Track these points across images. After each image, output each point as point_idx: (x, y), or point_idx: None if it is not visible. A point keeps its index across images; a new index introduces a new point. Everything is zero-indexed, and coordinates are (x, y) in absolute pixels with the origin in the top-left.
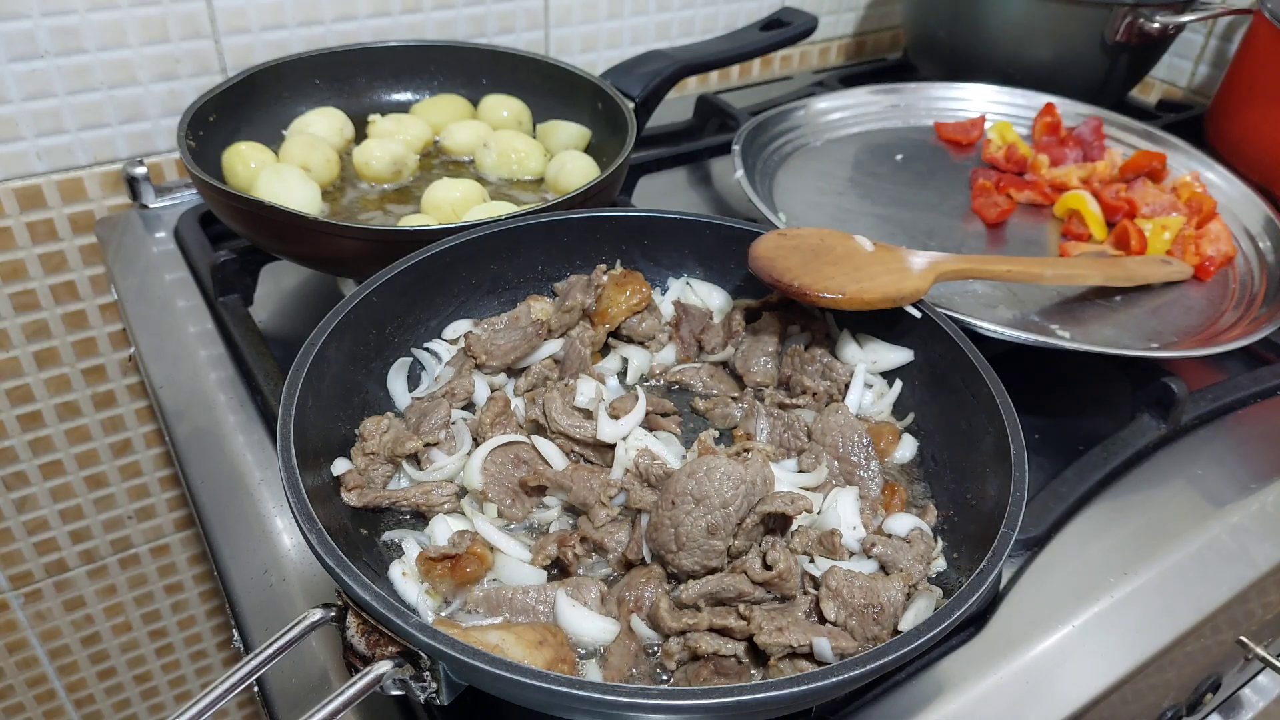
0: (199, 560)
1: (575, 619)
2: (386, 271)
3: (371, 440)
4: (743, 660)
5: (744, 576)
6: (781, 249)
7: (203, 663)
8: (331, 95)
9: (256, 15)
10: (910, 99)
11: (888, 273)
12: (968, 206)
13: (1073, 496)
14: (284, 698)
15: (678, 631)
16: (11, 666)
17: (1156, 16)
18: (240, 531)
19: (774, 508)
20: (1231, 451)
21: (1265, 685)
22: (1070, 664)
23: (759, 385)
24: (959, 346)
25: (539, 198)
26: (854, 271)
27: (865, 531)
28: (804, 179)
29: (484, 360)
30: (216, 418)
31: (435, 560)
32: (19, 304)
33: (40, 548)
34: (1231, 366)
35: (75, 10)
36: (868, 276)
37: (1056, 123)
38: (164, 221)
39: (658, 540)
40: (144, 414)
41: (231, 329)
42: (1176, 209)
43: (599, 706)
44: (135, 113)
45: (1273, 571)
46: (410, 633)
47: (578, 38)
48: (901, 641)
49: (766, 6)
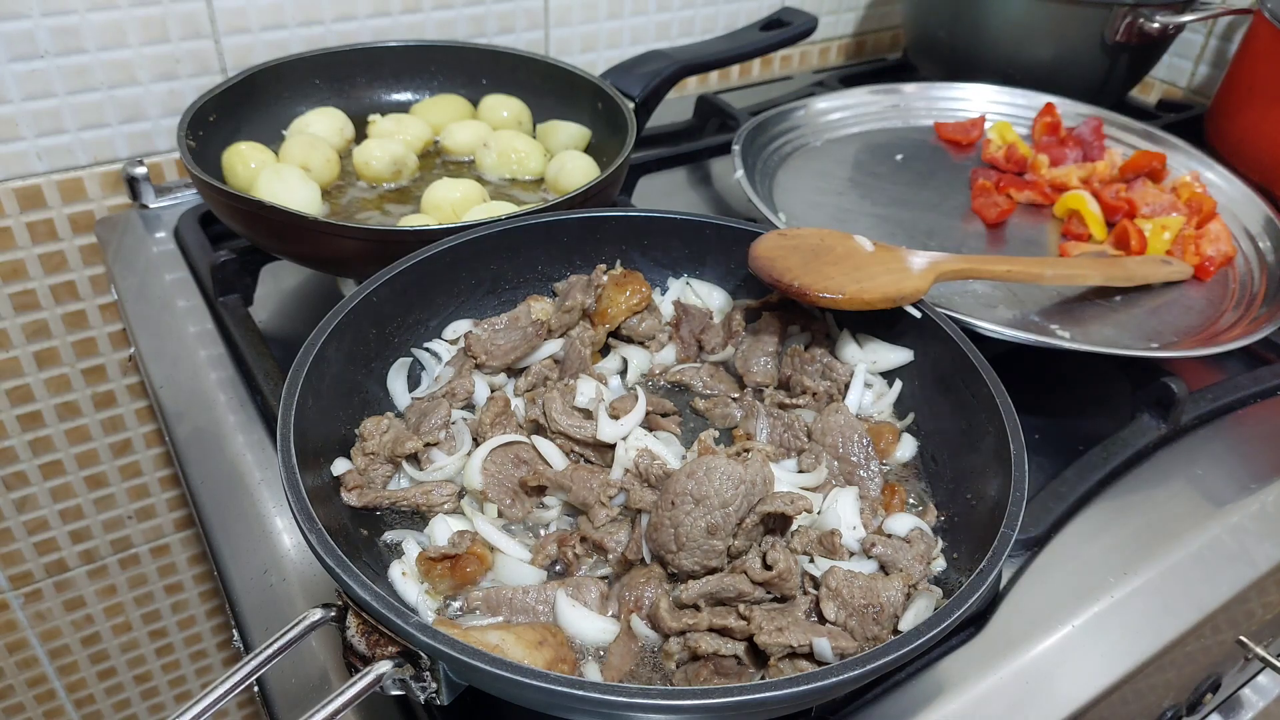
0: (199, 560)
1: (575, 619)
2: (386, 271)
3: (371, 440)
4: (742, 660)
5: (744, 576)
6: (781, 249)
7: (203, 663)
8: (331, 95)
9: (256, 15)
10: (910, 99)
11: (888, 273)
12: (968, 206)
13: (1073, 496)
14: (284, 698)
15: (677, 631)
16: (11, 666)
17: (1156, 16)
18: (240, 531)
19: (774, 508)
20: (1231, 451)
21: (1265, 685)
22: (1070, 664)
23: (759, 385)
24: (959, 346)
25: (539, 198)
26: (854, 271)
27: (865, 531)
28: (804, 179)
29: (484, 360)
30: (216, 418)
31: (435, 560)
32: (19, 304)
33: (40, 548)
34: (1231, 366)
35: (75, 10)
36: (868, 276)
37: (1056, 123)
38: (164, 221)
39: (657, 540)
40: (144, 414)
41: (231, 329)
42: (1176, 209)
43: (599, 706)
44: (135, 113)
45: (1273, 571)
46: (410, 633)
47: (578, 38)
48: (901, 641)
49: (766, 6)
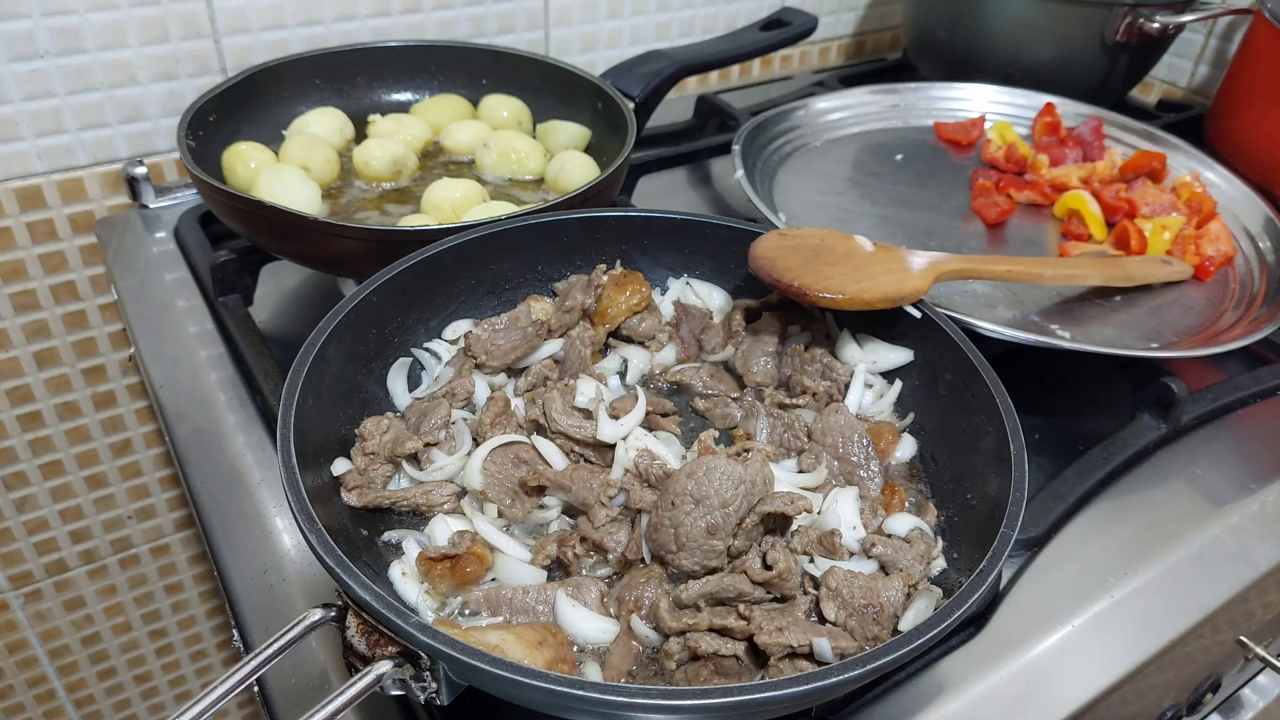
0: (199, 560)
1: (575, 619)
2: (386, 271)
3: (371, 440)
4: (742, 660)
5: (744, 576)
6: (781, 249)
7: (203, 663)
8: (331, 95)
9: (256, 15)
10: (910, 99)
11: (888, 273)
12: (968, 206)
13: (1073, 496)
14: (284, 698)
15: (677, 631)
16: (11, 666)
17: (1156, 16)
18: (240, 531)
19: (774, 508)
20: (1231, 451)
21: (1265, 685)
22: (1070, 664)
23: (759, 385)
24: (959, 346)
25: (539, 198)
26: (854, 271)
27: (865, 531)
28: (804, 179)
29: (484, 360)
30: (216, 418)
31: (435, 560)
32: (19, 304)
33: (40, 548)
34: (1231, 366)
35: (75, 10)
36: (868, 277)
37: (1056, 123)
38: (164, 221)
39: (657, 540)
40: (144, 414)
41: (231, 329)
42: (1176, 209)
43: (599, 706)
44: (135, 113)
45: (1273, 571)
46: (410, 633)
47: (578, 38)
48: (901, 641)
49: (766, 6)
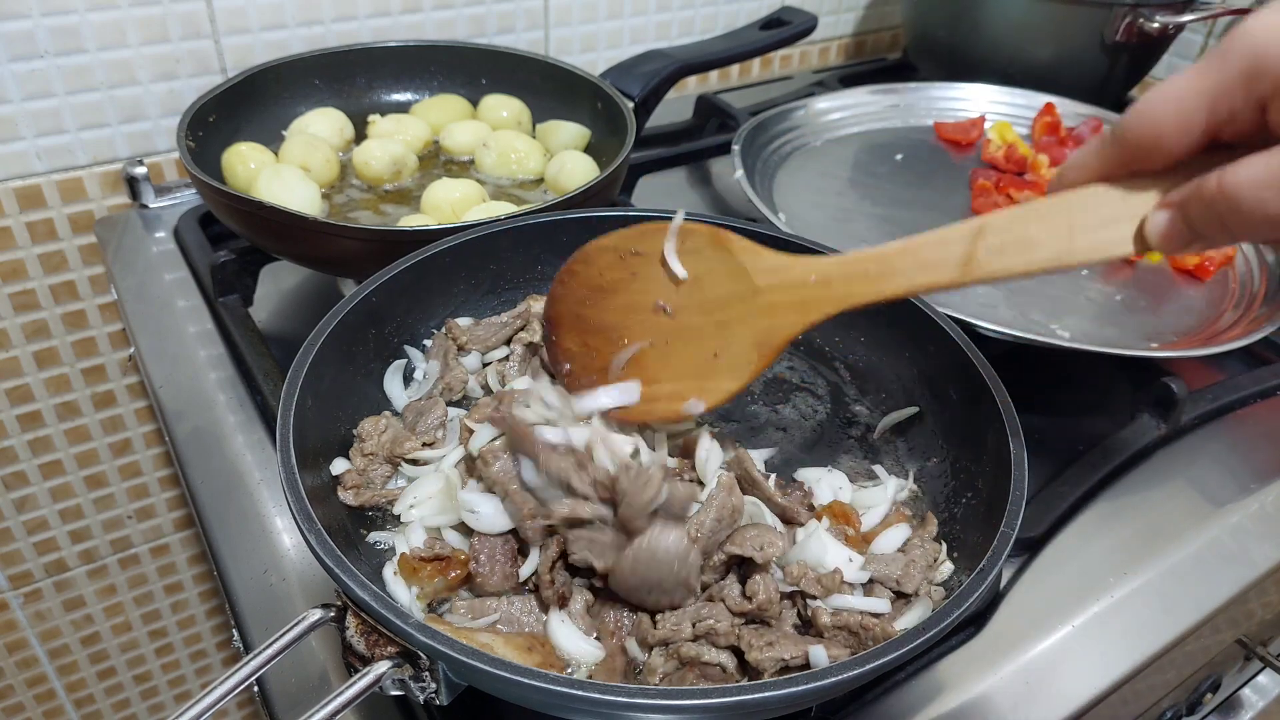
0: (199, 560)
1: (565, 636)
2: (386, 271)
3: (370, 440)
4: (728, 670)
5: (721, 605)
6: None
7: (203, 663)
8: (331, 95)
9: (256, 15)
10: (910, 99)
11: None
12: (968, 206)
13: (1073, 496)
14: (284, 698)
15: (661, 641)
16: (11, 666)
17: (1156, 16)
18: (240, 531)
19: (742, 552)
20: (1231, 451)
21: (1265, 685)
22: (1070, 664)
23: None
24: (959, 346)
25: (539, 198)
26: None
27: (860, 558)
28: (804, 179)
29: (465, 342)
30: (216, 418)
31: (426, 560)
32: (19, 304)
33: (40, 548)
34: (1231, 366)
35: (75, 10)
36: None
37: (1056, 123)
38: (164, 221)
39: (623, 590)
40: (144, 414)
41: (231, 329)
42: None
43: (599, 706)
44: (135, 113)
45: (1273, 571)
46: (409, 633)
47: (578, 38)
48: (901, 641)
49: (766, 6)
